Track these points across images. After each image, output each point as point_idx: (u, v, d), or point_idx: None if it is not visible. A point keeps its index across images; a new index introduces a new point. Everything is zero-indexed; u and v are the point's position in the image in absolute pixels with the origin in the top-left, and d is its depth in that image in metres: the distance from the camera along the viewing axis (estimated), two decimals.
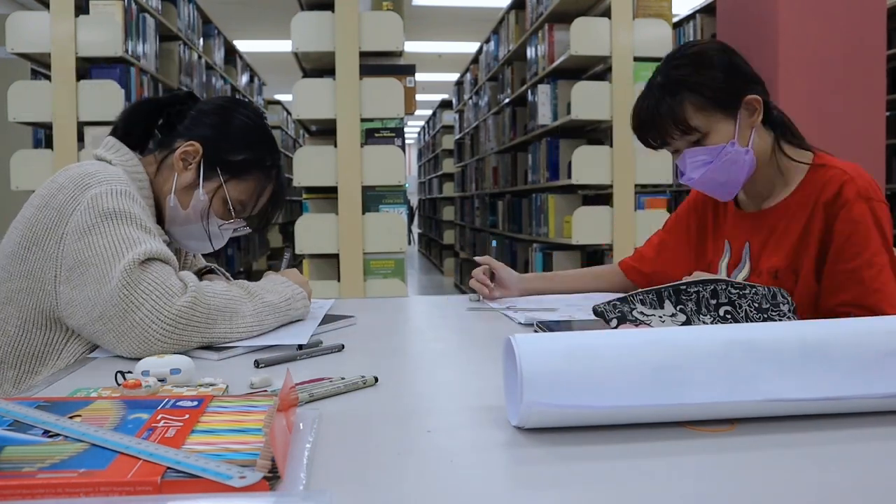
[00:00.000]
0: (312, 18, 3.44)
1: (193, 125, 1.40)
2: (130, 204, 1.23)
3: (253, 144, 1.42)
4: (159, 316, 1.12)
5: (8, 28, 3.52)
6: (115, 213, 1.20)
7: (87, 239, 1.18)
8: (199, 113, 1.42)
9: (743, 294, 1.15)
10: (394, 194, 3.50)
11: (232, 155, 1.39)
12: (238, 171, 1.39)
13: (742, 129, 1.41)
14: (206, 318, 1.16)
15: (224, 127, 1.41)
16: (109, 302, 1.13)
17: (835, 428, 0.76)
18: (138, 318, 1.12)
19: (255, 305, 1.25)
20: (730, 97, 1.41)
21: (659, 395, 0.74)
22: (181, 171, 1.38)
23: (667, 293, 1.18)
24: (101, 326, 1.14)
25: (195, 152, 1.37)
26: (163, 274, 1.16)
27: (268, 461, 0.61)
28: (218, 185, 1.38)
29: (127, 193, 1.24)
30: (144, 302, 1.12)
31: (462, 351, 1.30)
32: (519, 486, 0.65)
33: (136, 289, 1.13)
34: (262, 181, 1.42)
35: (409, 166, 18.97)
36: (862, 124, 3.67)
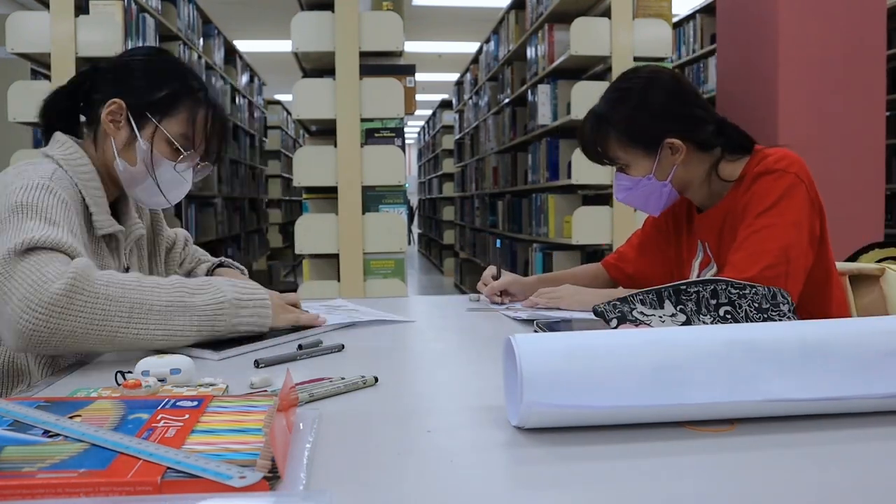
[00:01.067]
0: (312, 18, 3.44)
1: (106, 87, 1.37)
2: (43, 196, 1.19)
3: (166, 77, 1.39)
4: (30, 305, 1.04)
5: (8, 28, 3.52)
6: (20, 206, 1.17)
7: None
8: (105, 73, 1.40)
9: (743, 294, 1.16)
10: (394, 194, 3.50)
11: (153, 94, 1.36)
12: (166, 107, 1.36)
13: (662, 166, 1.50)
14: (89, 306, 1.06)
15: (133, 74, 1.38)
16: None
17: (835, 428, 0.76)
18: (10, 309, 1.04)
19: (171, 300, 1.12)
20: (651, 137, 1.49)
21: (659, 395, 0.74)
22: (115, 133, 1.36)
23: (667, 293, 1.18)
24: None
25: (119, 108, 1.35)
26: (41, 261, 1.08)
27: (268, 461, 0.61)
28: (154, 129, 1.35)
29: (43, 187, 1.21)
30: (15, 291, 1.05)
31: (462, 351, 1.30)
32: (519, 487, 0.65)
33: (10, 279, 1.06)
34: (193, 107, 1.38)
35: (409, 166, 18.98)
36: (862, 124, 3.67)
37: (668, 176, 1.50)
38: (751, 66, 3.87)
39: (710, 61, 5.55)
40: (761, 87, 3.75)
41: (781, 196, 1.39)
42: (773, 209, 1.39)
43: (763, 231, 1.38)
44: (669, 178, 1.50)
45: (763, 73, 3.75)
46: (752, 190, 1.43)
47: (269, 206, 9.48)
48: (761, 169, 1.43)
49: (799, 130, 3.61)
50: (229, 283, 1.22)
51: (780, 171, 1.41)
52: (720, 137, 1.51)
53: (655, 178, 1.50)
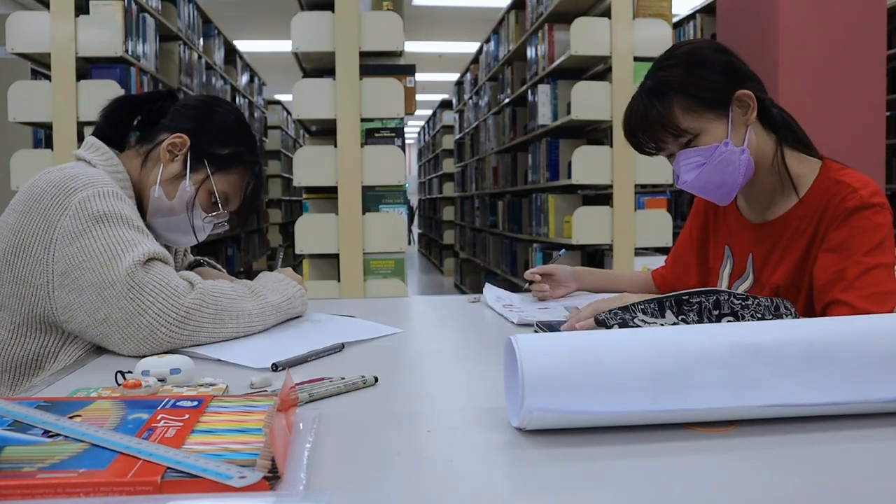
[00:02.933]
0: (312, 18, 3.44)
1: (178, 119, 1.41)
2: (120, 205, 1.24)
3: (237, 139, 1.44)
4: (168, 317, 1.14)
5: (8, 28, 3.52)
6: (105, 215, 1.20)
7: (80, 243, 1.18)
8: (184, 108, 1.44)
9: (745, 305, 1.15)
10: (394, 194, 3.50)
11: (217, 148, 1.40)
12: (223, 164, 1.41)
13: (736, 128, 1.36)
14: (212, 317, 1.19)
15: (209, 121, 1.42)
16: (115, 305, 1.14)
17: (836, 428, 0.75)
18: (147, 320, 1.14)
19: (260, 304, 1.29)
20: (719, 94, 1.36)
21: (662, 400, 0.73)
22: (168, 162, 1.38)
23: (668, 303, 1.17)
24: (106, 329, 1.15)
25: (182, 144, 1.38)
26: (166, 274, 1.18)
27: (268, 461, 0.61)
28: (204, 177, 1.39)
29: (114, 194, 1.25)
30: (153, 304, 1.14)
31: (462, 351, 1.30)
32: (519, 487, 0.65)
33: (142, 291, 1.14)
34: (246, 175, 1.44)
35: (409, 166, 18.97)
36: (862, 124, 3.67)
37: (744, 140, 1.36)
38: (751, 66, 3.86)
39: None
40: None
41: (886, 234, 1.30)
42: (878, 248, 1.29)
43: (875, 272, 1.27)
44: (746, 141, 1.36)
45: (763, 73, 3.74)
46: (850, 223, 1.31)
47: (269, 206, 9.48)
48: (859, 202, 1.31)
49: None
50: (279, 282, 1.39)
51: (878, 206, 1.31)
52: (776, 110, 1.42)
53: (732, 142, 1.35)
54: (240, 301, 1.26)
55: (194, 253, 1.75)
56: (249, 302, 1.28)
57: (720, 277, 1.52)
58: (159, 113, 1.44)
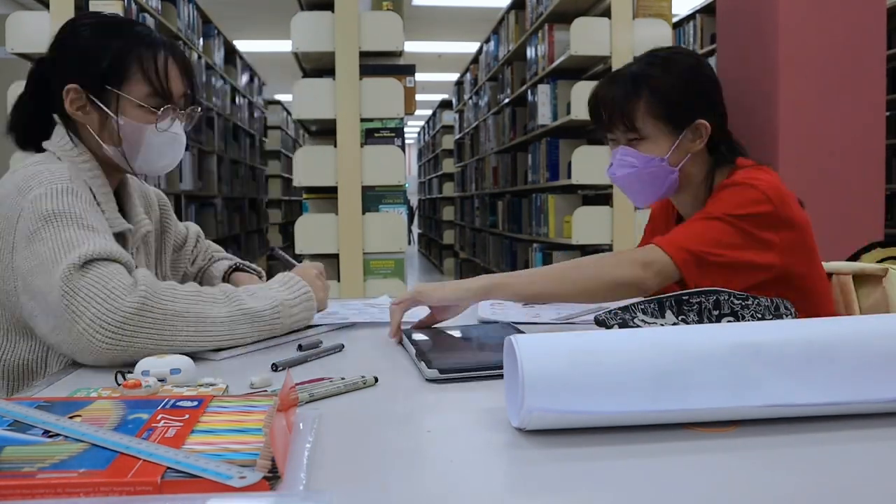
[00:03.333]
0: (312, 18, 3.44)
1: (59, 77, 1.28)
2: (72, 202, 1.15)
3: (104, 39, 1.29)
4: (102, 324, 1.03)
5: (8, 28, 3.52)
6: (54, 214, 1.12)
7: (32, 246, 1.11)
8: (53, 62, 1.31)
9: (745, 305, 1.15)
10: (394, 194, 3.50)
11: (99, 64, 1.26)
12: (117, 72, 1.27)
13: (679, 150, 1.42)
14: (161, 323, 1.06)
15: (74, 51, 1.29)
16: (55, 312, 1.05)
17: (837, 428, 0.75)
18: (81, 327, 1.03)
19: (231, 311, 1.14)
20: (683, 115, 1.40)
21: (662, 400, 0.73)
22: (85, 118, 1.28)
23: (668, 303, 1.17)
24: (57, 338, 1.07)
25: (77, 93, 1.27)
26: (105, 274, 1.06)
27: (268, 461, 0.61)
28: (117, 98, 1.27)
29: (69, 191, 1.16)
30: (86, 310, 1.03)
31: None
32: (519, 487, 0.65)
33: (76, 296, 1.04)
34: (145, 59, 1.28)
35: (409, 166, 18.97)
36: (862, 124, 3.67)
37: (679, 163, 1.42)
38: (751, 66, 3.86)
39: (711, 61, 5.55)
40: (761, 87, 3.75)
41: (739, 203, 1.32)
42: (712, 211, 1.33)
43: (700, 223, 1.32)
44: (680, 165, 1.42)
45: (763, 73, 3.75)
46: (714, 196, 1.37)
47: (269, 206, 9.48)
48: (730, 182, 1.37)
49: (799, 130, 3.61)
50: (278, 284, 1.25)
51: (746, 184, 1.34)
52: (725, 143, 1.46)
53: (668, 161, 1.41)
54: (200, 305, 1.10)
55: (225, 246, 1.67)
56: (216, 307, 1.12)
57: None
58: (45, 84, 1.31)
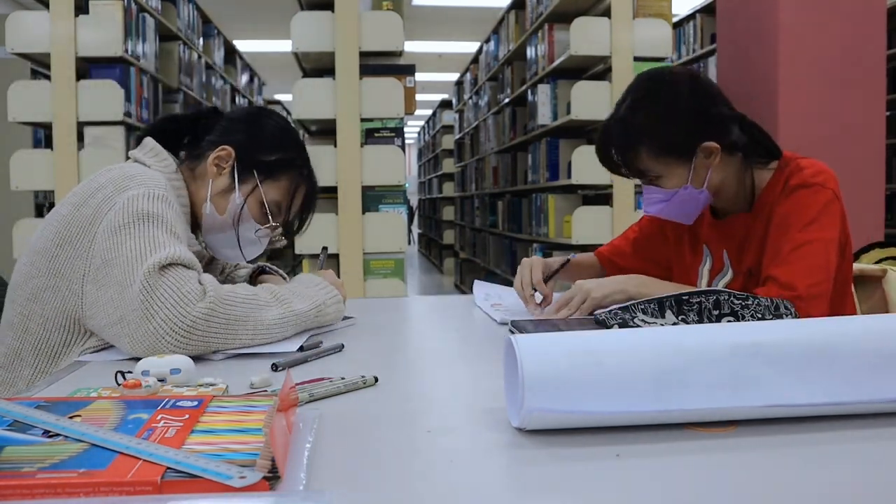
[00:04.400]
0: (312, 18, 3.44)
1: (223, 132, 1.42)
2: (165, 208, 1.22)
3: (284, 146, 1.44)
4: (174, 325, 1.10)
5: (8, 28, 3.52)
6: (147, 215, 1.19)
7: (116, 238, 1.17)
8: (228, 121, 1.45)
9: (745, 305, 1.16)
10: (394, 194, 3.50)
11: (264, 156, 1.40)
12: (271, 172, 1.41)
13: (698, 172, 1.43)
14: (224, 327, 1.14)
15: (255, 130, 1.43)
16: (129, 306, 1.12)
17: (837, 428, 0.75)
18: (153, 325, 1.10)
19: (282, 313, 1.22)
20: (685, 146, 1.41)
21: (662, 400, 0.73)
22: (215, 176, 1.39)
23: (668, 303, 1.18)
24: (119, 330, 1.13)
25: (228, 156, 1.39)
26: (181, 279, 1.13)
27: (268, 461, 0.61)
28: (253, 186, 1.39)
29: (163, 198, 1.24)
30: (160, 309, 1.10)
31: (462, 351, 1.30)
32: (519, 487, 0.65)
33: (152, 294, 1.11)
34: (296, 180, 1.44)
35: (409, 166, 18.97)
36: (862, 124, 3.67)
37: (704, 182, 1.43)
38: (751, 66, 3.86)
39: (710, 61, 5.55)
40: (761, 87, 3.75)
41: (821, 211, 1.35)
42: (814, 224, 1.34)
43: (806, 247, 1.33)
44: (705, 184, 1.43)
45: (763, 73, 3.75)
46: (790, 201, 1.38)
47: None
48: (799, 181, 1.38)
49: (799, 130, 3.61)
50: (312, 286, 1.33)
51: (818, 185, 1.36)
52: (745, 137, 1.46)
53: (693, 186, 1.43)
54: (257, 310, 1.18)
55: None
56: (270, 310, 1.21)
57: (700, 275, 1.58)
58: (206, 130, 1.44)
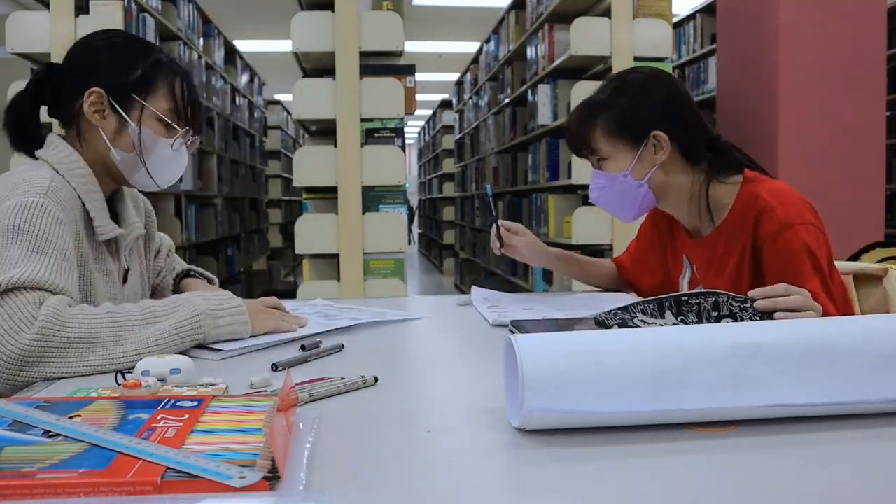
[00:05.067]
0: (312, 18, 3.44)
1: (77, 79, 1.32)
2: (37, 218, 1.17)
3: (135, 54, 1.35)
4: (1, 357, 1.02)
5: (8, 28, 3.51)
6: (12, 229, 1.14)
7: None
8: (73, 66, 1.35)
9: (744, 307, 1.16)
10: (394, 194, 3.50)
11: (129, 75, 1.32)
12: (146, 85, 1.33)
13: (642, 163, 1.46)
14: (63, 351, 1.05)
15: (102, 59, 1.34)
16: None
17: (837, 428, 0.75)
18: None
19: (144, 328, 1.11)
20: (638, 129, 1.45)
21: (662, 400, 0.73)
22: (101, 122, 1.32)
23: (668, 303, 1.18)
24: None
25: (99, 97, 1.31)
26: (19, 305, 1.06)
27: (268, 461, 0.61)
28: (141, 109, 1.32)
29: (38, 206, 1.18)
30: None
31: (462, 351, 1.30)
32: (519, 487, 0.65)
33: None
34: (169, 78, 1.35)
35: (409, 166, 18.98)
36: (862, 124, 3.67)
37: (645, 175, 1.45)
38: (751, 66, 3.87)
39: (710, 61, 5.55)
40: (761, 87, 3.75)
41: (810, 252, 1.33)
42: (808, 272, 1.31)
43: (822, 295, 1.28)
44: (647, 177, 1.45)
45: (763, 73, 3.75)
46: (777, 252, 1.35)
47: (269, 206, 9.48)
48: (776, 226, 1.35)
49: (799, 130, 3.61)
50: (200, 297, 1.20)
51: (797, 224, 1.34)
52: (709, 152, 1.47)
53: (632, 175, 1.46)
54: (109, 329, 1.08)
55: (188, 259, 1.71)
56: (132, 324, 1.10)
57: (680, 285, 1.60)
58: (57, 89, 1.35)
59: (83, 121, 1.33)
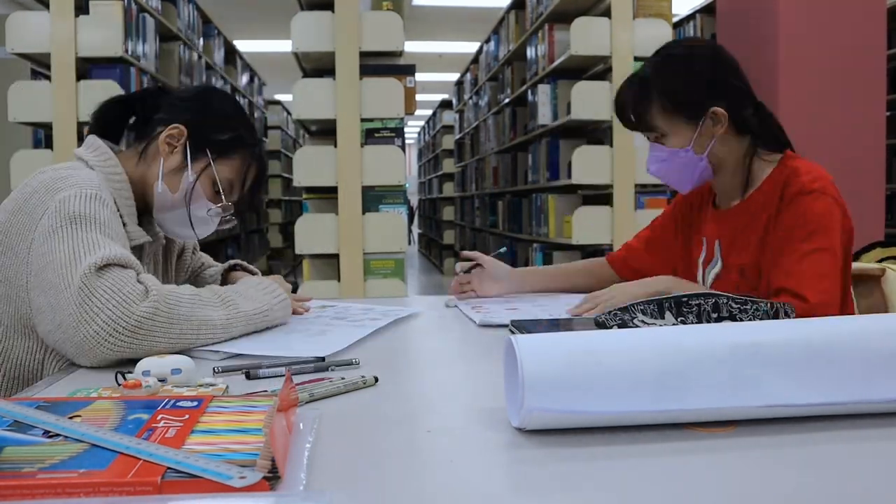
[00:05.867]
0: (312, 18, 3.44)
1: (173, 111, 1.39)
2: (99, 208, 1.20)
3: (235, 124, 1.42)
4: (117, 326, 1.05)
5: (8, 28, 3.52)
6: (80, 216, 1.16)
7: (50, 242, 1.14)
8: (178, 100, 1.43)
9: (744, 309, 1.17)
10: (394, 194, 3.50)
11: (217, 134, 1.39)
12: (224, 150, 1.39)
13: (701, 138, 1.48)
14: (168, 326, 1.10)
15: (205, 109, 1.41)
16: (66, 310, 1.07)
17: (837, 428, 0.75)
18: (94, 328, 1.05)
19: (227, 313, 1.20)
20: (695, 107, 1.47)
21: (663, 400, 0.73)
22: (167, 155, 1.36)
23: (668, 304, 1.18)
24: (61, 335, 1.09)
25: (180, 134, 1.37)
26: (120, 280, 1.09)
27: (268, 461, 0.61)
28: (206, 164, 1.37)
29: (97, 197, 1.21)
30: (101, 311, 1.06)
31: (462, 351, 1.30)
32: (519, 487, 0.65)
33: (91, 297, 1.06)
34: (248, 159, 1.42)
35: (409, 166, 18.96)
36: (862, 124, 3.67)
37: (706, 149, 1.48)
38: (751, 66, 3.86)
39: None
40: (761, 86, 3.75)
41: (823, 219, 1.38)
42: (818, 233, 1.36)
43: (814, 255, 1.35)
44: (707, 151, 1.48)
45: (763, 73, 3.75)
46: (791, 209, 1.40)
47: (269, 206, 9.49)
48: (798, 188, 1.40)
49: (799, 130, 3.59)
50: (257, 288, 1.31)
51: (817, 191, 1.39)
52: (756, 120, 1.50)
53: (693, 150, 1.48)
54: (201, 309, 1.16)
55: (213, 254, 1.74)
56: (214, 310, 1.18)
57: (697, 265, 1.61)
58: (153, 109, 1.42)
59: (153, 145, 1.38)
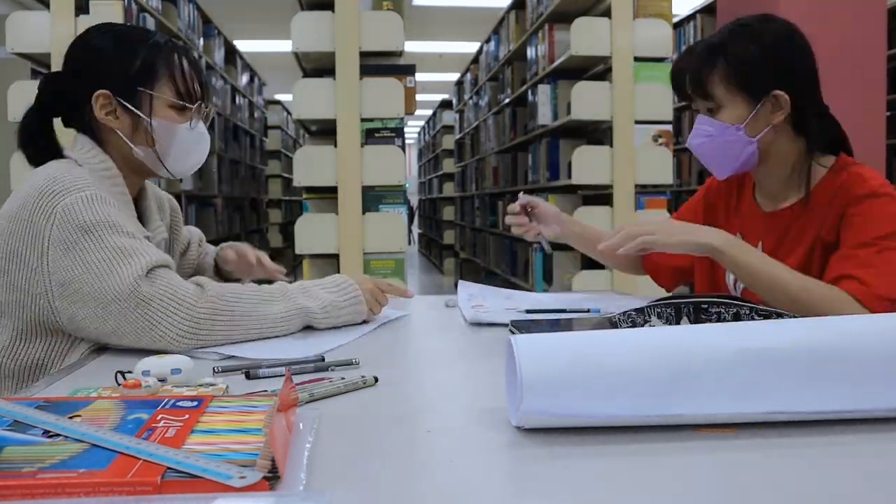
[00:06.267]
0: (312, 18, 3.44)
1: (82, 86, 1.31)
2: (105, 210, 1.19)
3: (131, 46, 1.33)
4: (180, 329, 1.13)
5: (8, 28, 3.51)
6: (93, 224, 1.16)
7: (73, 255, 1.15)
8: (71, 73, 1.34)
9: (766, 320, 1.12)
10: (394, 194, 3.50)
11: (130, 68, 1.31)
12: (148, 74, 1.32)
13: (758, 120, 1.38)
14: (229, 323, 1.18)
15: (99, 59, 1.32)
16: (123, 319, 1.12)
17: (838, 430, 0.75)
18: (158, 333, 1.13)
19: (287, 307, 1.25)
20: (760, 85, 1.37)
21: (664, 405, 0.72)
22: (116, 123, 1.31)
23: (686, 310, 1.13)
24: (118, 340, 1.15)
25: (107, 98, 1.31)
26: (172, 283, 1.16)
27: (268, 461, 0.61)
28: (150, 99, 1.32)
29: (98, 198, 1.20)
30: (163, 317, 1.13)
31: (462, 351, 1.30)
32: (519, 487, 0.65)
33: (150, 305, 1.13)
34: (169, 60, 1.34)
35: (409, 166, 18.97)
36: (862, 124, 3.67)
37: (759, 133, 1.39)
38: None
39: None
40: None
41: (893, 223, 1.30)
42: (893, 235, 1.29)
43: (889, 253, 1.27)
44: (759, 136, 1.39)
45: None
46: (862, 208, 1.32)
47: (269, 206, 9.49)
48: (868, 191, 1.32)
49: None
50: (327, 289, 1.33)
51: (889, 195, 1.32)
52: (815, 123, 1.42)
53: (745, 131, 1.38)
54: (261, 305, 1.22)
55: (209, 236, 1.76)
56: (275, 304, 1.24)
57: None
58: (62, 95, 1.34)
59: (98, 125, 1.32)
